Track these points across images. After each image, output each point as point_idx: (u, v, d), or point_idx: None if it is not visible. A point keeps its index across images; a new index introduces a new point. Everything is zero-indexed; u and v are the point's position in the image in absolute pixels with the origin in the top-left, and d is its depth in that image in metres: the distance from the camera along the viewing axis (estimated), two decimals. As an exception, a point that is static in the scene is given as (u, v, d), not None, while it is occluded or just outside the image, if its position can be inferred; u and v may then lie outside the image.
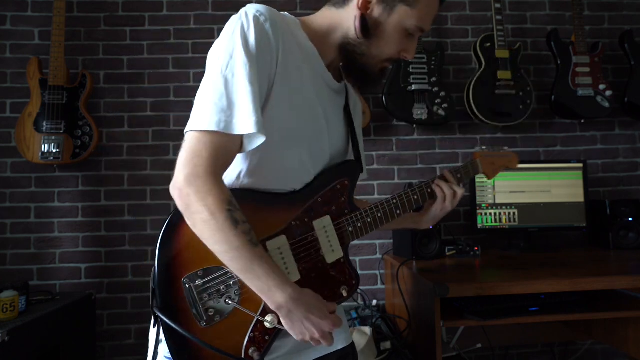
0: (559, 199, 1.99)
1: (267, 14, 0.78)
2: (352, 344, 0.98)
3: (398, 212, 0.96)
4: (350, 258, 0.92)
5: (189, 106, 2.10)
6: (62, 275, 2.00)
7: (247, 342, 0.78)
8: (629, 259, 1.70)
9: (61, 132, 1.89)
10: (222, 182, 0.74)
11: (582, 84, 2.08)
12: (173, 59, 2.12)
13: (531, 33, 2.28)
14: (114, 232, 2.03)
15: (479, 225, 1.97)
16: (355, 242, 2.10)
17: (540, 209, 1.99)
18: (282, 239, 0.82)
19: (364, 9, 0.83)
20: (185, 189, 0.71)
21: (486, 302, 1.37)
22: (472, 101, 2.04)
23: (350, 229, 0.89)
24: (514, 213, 1.98)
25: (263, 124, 0.74)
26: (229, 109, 0.73)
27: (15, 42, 2.06)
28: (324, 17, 0.88)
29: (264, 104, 0.77)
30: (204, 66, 0.79)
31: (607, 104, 2.07)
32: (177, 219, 0.77)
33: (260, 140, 0.75)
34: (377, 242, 2.13)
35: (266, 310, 0.77)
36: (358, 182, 0.96)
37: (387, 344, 1.63)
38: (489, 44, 2.09)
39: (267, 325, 0.78)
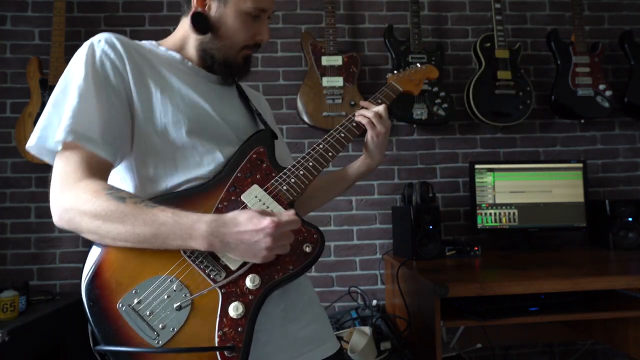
0: (559, 199, 1.99)
1: (111, 41, 0.80)
2: (340, 350, 0.93)
3: (330, 154, 0.91)
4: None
5: (189, 106, 2.10)
6: (62, 275, 2.00)
7: (219, 342, 0.70)
8: (629, 259, 1.70)
9: (61, 132, 1.89)
10: (88, 179, 0.73)
11: (582, 84, 2.08)
12: (173, 59, 2.11)
13: (531, 33, 2.28)
14: (114, 232, 2.03)
15: (479, 225, 1.97)
16: (355, 242, 2.10)
17: (540, 209, 1.99)
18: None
19: (202, 6, 0.86)
20: (59, 222, 0.73)
21: (486, 302, 1.37)
22: (472, 101, 2.04)
23: (285, 187, 0.83)
24: (514, 213, 1.98)
25: (83, 127, 0.74)
26: (50, 125, 0.76)
27: (15, 42, 2.06)
28: (179, 27, 0.93)
29: (132, 117, 0.80)
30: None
31: (607, 104, 2.08)
32: (89, 263, 0.74)
33: (96, 143, 0.75)
34: (377, 242, 2.13)
35: (226, 301, 0.72)
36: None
37: (387, 344, 1.63)
38: (489, 44, 2.09)
39: (232, 312, 0.71)
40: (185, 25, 0.91)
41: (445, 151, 2.20)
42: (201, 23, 0.86)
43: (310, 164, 0.88)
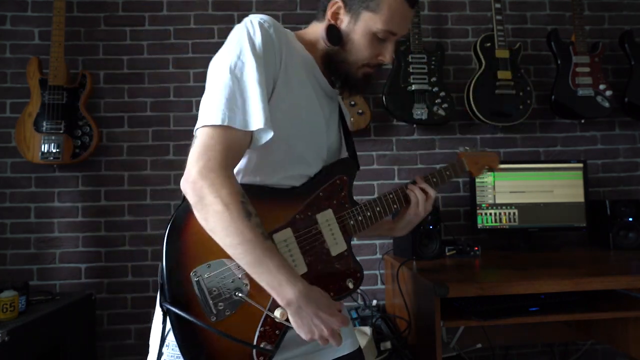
0: (559, 199, 1.99)
1: (270, 21, 0.84)
2: (360, 350, 0.98)
3: (395, 206, 1.00)
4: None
5: (189, 106, 2.10)
6: (62, 275, 2.00)
7: (258, 336, 0.78)
8: (629, 259, 1.70)
9: (61, 132, 1.89)
10: (233, 175, 0.76)
11: (582, 84, 2.08)
12: (173, 59, 2.11)
13: (531, 33, 2.28)
14: (114, 232, 2.03)
15: (479, 225, 1.97)
16: (355, 242, 2.10)
17: (541, 209, 1.99)
18: (288, 232, 0.84)
19: (334, 19, 0.90)
20: (198, 182, 0.72)
21: (486, 302, 1.37)
22: (472, 101, 2.04)
23: (352, 222, 0.91)
24: (514, 213, 1.98)
25: (271, 120, 0.77)
26: (241, 105, 0.76)
27: (15, 42, 2.06)
28: (312, 30, 0.95)
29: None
30: (204, 66, 0.81)
31: (607, 104, 2.07)
32: (183, 215, 0.78)
33: (269, 136, 0.78)
34: (377, 242, 2.13)
35: (275, 305, 0.77)
36: (357, 184, 0.98)
37: (387, 344, 1.63)
38: (489, 44, 2.09)
39: (277, 319, 0.78)
40: (317, 29, 0.94)
41: (445, 151, 2.20)
42: (334, 36, 0.90)
43: (378, 209, 0.96)
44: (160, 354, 0.79)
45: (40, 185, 2.02)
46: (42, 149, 1.88)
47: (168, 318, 0.76)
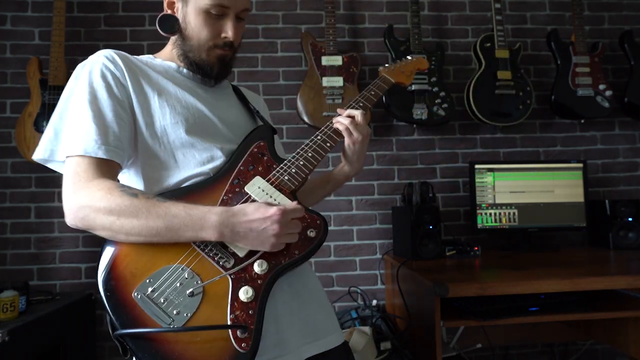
0: (559, 199, 1.99)
1: (110, 55, 0.85)
2: (345, 343, 0.94)
3: (328, 144, 0.92)
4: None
5: (189, 106, 2.10)
6: (62, 275, 2.00)
7: (231, 324, 0.72)
8: (629, 259, 1.70)
9: (61, 132, 1.89)
10: (100, 178, 0.76)
11: (582, 84, 2.08)
12: (173, 59, 2.11)
13: (531, 33, 2.28)
14: (114, 232, 2.03)
15: (479, 225, 1.97)
16: (355, 242, 2.10)
17: (540, 209, 1.99)
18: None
19: (171, 9, 0.91)
20: (77, 212, 0.74)
21: (486, 302, 1.37)
22: (472, 101, 2.04)
23: (286, 177, 0.86)
24: (514, 213, 1.98)
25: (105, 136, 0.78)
26: (57, 138, 0.80)
27: (15, 42, 2.06)
28: (169, 42, 0.96)
29: (134, 123, 0.84)
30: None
31: (607, 104, 2.07)
32: (104, 247, 0.76)
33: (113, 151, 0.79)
34: (377, 242, 2.13)
35: (237, 282, 0.74)
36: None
37: (387, 344, 1.63)
38: (489, 44, 2.09)
39: (242, 296, 0.73)
40: (170, 40, 0.95)
41: (445, 151, 2.20)
42: (166, 23, 0.90)
43: (310, 154, 0.90)
44: None
45: (40, 185, 2.02)
46: (42, 149, 1.87)
47: (128, 347, 0.70)
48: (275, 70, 2.16)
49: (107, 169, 0.79)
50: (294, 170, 0.87)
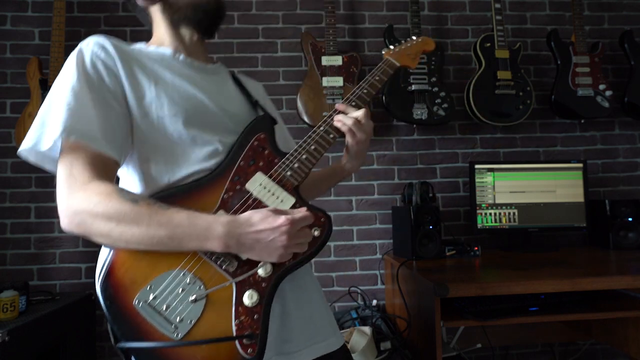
0: (559, 199, 1.99)
1: (100, 43, 0.80)
2: (344, 346, 0.93)
3: (331, 136, 0.88)
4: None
5: (189, 106, 2.10)
6: (62, 275, 2.00)
7: (237, 330, 0.71)
8: (629, 259, 1.70)
9: (61, 132, 1.89)
10: (97, 180, 0.71)
11: (582, 84, 2.08)
12: (173, 59, 2.11)
13: (531, 33, 2.28)
14: (114, 232, 2.03)
15: (479, 225, 1.97)
16: (355, 242, 2.10)
17: (540, 209, 1.99)
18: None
19: None
20: (72, 218, 0.70)
21: (486, 302, 1.37)
22: (472, 101, 2.04)
23: (289, 172, 0.82)
24: (514, 213, 1.98)
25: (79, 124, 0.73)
26: (44, 125, 0.74)
27: (15, 42, 2.06)
28: (155, 28, 0.94)
29: (130, 115, 0.79)
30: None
31: (607, 104, 2.07)
32: (103, 254, 0.74)
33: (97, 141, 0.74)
34: (377, 242, 2.13)
35: (241, 286, 0.72)
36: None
37: (387, 344, 1.63)
38: (489, 44, 2.09)
39: (246, 301, 0.71)
40: (156, 18, 0.92)
41: (445, 151, 2.20)
42: None
43: (313, 147, 0.86)
44: None
45: (40, 186, 2.02)
46: (42, 149, 1.87)
47: (132, 358, 0.69)
48: (275, 70, 2.16)
49: (104, 166, 0.73)
50: (296, 165, 0.83)
